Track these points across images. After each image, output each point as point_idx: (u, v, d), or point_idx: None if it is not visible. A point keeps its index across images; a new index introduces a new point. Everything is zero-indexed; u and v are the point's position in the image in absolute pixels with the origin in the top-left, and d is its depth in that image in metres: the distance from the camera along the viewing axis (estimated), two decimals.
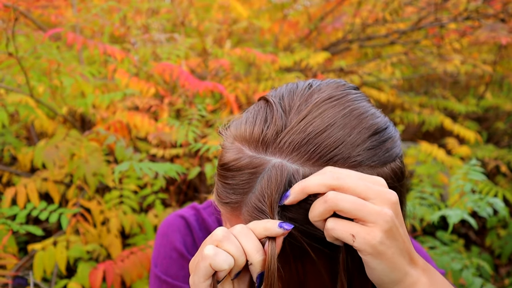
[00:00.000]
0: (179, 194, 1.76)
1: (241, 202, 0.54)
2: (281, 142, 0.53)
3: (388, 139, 0.56)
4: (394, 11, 2.33)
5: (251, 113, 0.58)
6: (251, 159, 0.53)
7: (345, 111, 0.54)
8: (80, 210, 1.32)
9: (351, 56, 2.86)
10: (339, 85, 0.58)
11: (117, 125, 1.44)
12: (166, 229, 0.82)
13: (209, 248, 0.48)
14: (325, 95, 0.55)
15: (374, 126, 0.55)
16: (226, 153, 0.56)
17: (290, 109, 0.55)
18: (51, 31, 1.32)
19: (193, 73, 1.96)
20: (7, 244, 1.20)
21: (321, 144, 0.52)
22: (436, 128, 2.83)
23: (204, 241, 0.51)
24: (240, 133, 0.56)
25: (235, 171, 0.54)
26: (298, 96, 0.56)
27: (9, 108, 1.34)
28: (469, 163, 1.28)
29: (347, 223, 0.48)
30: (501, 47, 2.61)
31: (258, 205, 0.53)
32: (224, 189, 0.56)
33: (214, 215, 0.83)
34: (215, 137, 1.41)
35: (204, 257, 0.48)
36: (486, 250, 2.30)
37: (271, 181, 0.51)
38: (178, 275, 0.78)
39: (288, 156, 0.52)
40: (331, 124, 0.53)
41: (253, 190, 0.53)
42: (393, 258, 0.48)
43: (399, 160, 0.57)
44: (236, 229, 0.50)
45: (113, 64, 1.60)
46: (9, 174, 1.65)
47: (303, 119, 0.53)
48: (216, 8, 2.60)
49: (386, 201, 0.48)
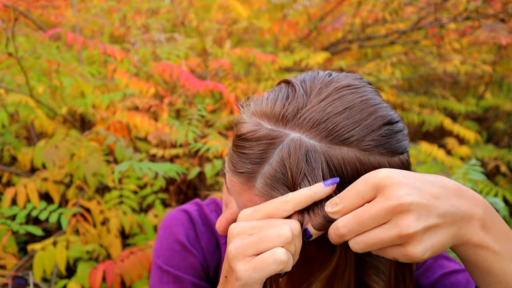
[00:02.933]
0: (179, 194, 1.76)
1: (256, 172, 0.55)
2: (301, 118, 0.54)
3: (399, 132, 0.58)
4: (394, 11, 2.33)
5: (272, 92, 0.60)
6: (269, 131, 0.55)
7: (362, 98, 0.56)
8: (80, 210, 1.32)
9: (351, 56, 2.86)
10: (357, 78, 0.61)
11: (117, 125, 1.44)
12: (169, 222, 0.83)
13: (283, 253, 0.48)
14: (345, 83, 0.58)
15: (388, 116, 0.57)
16: (244, 125, 0.58)
17: (311, 91, 0.57)
18: (51, 31, 1.32)
19: (193, 73, 1.96)
20: (7, 244, 1.21)
21: (339, 123, 0.54)
22: (436, 128, 2.83)
23: (260, 237, 0.50)
24: (260, 109, 0.58)
25: (253, 141, 0.56)
26: (319, 80, 0.59)
27: (9, 108, 1.34)
28: (469, 163, 1.28)
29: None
30: (501, 47, 2.61)
31: (275, 176, 0.54)
32: (240, 159, 0.57)
33: (216, 212, 0.85)
34: (215, 137, 1.41)
35: (279, 262, 0.48)
36: None
37: (291, 154, 0.53)
38: (180, 266, 0.79)
39: (307, 132, 0.54)
40: (350, 107, 0.55)
41: (269, 161, 0.54)
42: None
43: (406, 154, 0.60)
44: (294, 228, 0.51)
45: (113, 64, 1.60)
46: (9, 174, 1.65)
47: (324, 99, 0.56)
48: (216, 8, 2.61)
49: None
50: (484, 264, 0.49)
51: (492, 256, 0.48)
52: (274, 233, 0.49)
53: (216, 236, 0.83)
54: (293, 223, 0.51)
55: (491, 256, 0.48)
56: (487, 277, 0.50)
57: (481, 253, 0.48)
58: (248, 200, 0.57)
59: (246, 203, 0.58)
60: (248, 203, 0.58)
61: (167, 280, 0.78)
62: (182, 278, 0.78)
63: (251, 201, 0.57)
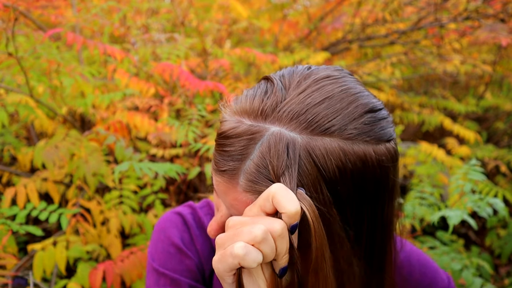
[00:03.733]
0: (179, 194, 1.76)
1: (238, 169, 0.55)
2: (280, 111, 0.54)
3: (383, 119, 0.57)
4: (394, 11, 2.33)
5: (252, 89, 0.60)
6: (249, 127, 0.55)
7: (342, 88, 0.56)
8: (80, 210, 1.32)
9: (351, 56, 2.86)
10: (336, 69, 0.61)
11: (117, 125, 1.44)
12: (163, 225, 0.82)
13: (240, 247, 0.47)
14: (324, 74, 0.58)
15: (370, 104, 0.57)
16: (225, 123, 0.58)
17: (289, 85, 0.57)
18: (51, 31, 1.32)
19: (193, 73, 1.96)
20: (7, 244, 1.20)
21: (319, 114, 0.53)
22: (436, 128, 2.83)
23: (236, 232, 0.49)
24: (240, 106, 0.58)
25: (233, 138, 0.55)
26: (298, 74, 0.59)
27: (9, 108, 1.34)
28: (469, 163, 1.28)
29: None
30: (501, 47, 2.61)
31: (257, 171, 0.53)
32: (222, 157, 0.57)
33: (209, 215, 0.84)
34: (215, 137, 1.41)
35: (234, 255, 0.47)
36: (486, 250, 2.31)
37: (271, 148, 0.52)
38: (176, 268, 0.79)
39: (287, 125, 0.53)
40: (329, 97, 0.55)
41: (251, 157, 0.54)
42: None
43: (393, 142, 0.59)
44: (276, 228, 0.49)
45: (113, 64, 1.60)
46: (9, 174, 1.65)
47: (303, 92, 0.55)
48: (216, 8, 2.60)
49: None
50: None
51: None
52: (246, 230, 0.49)
53: (210, 240, 0.82)
54: (275, 223, 0.49)
55: None
56: None
57: None
58: (234, 198, 0.57)
59: (232, 202, 0.57)
60: (234, 202, 0.57)
61: (164, 283, 0.77)
62: (179, 280, 0.77)
63: (236, 199, 0.56)
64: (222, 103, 0.62)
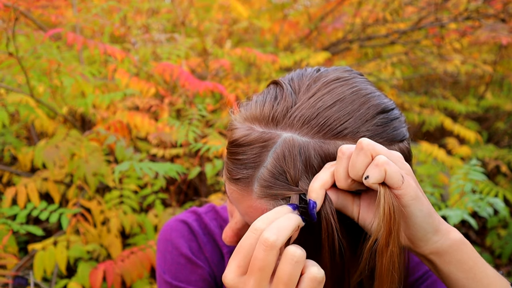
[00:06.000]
0: (179, 194, 1.76)
1: (252, 176, 0.54)
2: (291, 117, 0.54)
3: (395, 119, 0.57)
4: (394, 11, 2.33)
5: (261, 95, 0.59)
6: (261, 134, 0.54)
7: (353, 89, 0.55)
8: (80, 210, 1.32)
9: (351, 56, 2.86)
10: (346, 70, 0.60)
11: (117, 125, 1.44)
12: (169, 235, 0.80)
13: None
14: (333, 76, 0.57)
15: (382, 105, 0.56)
16: (236, 131, 0.57)
17: (299, 89, 0.56)
18: (51, 31, 1.32)
19: (193, 73, 1.96)
20: (8, 244, 1.20)
21: (330, 117, 0.53)
22: (436, 128, 2.83)
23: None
24: (250, 113, 0.57)
25: (246, 146, 0.55)
26: (307, 77, 0.58)
27: (9, 108, 1.34)
28: (469, 163, 1.28)
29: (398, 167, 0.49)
30: (501, 47, 2.61)
31: (272, 177, 0.53)
32: (235, 166, 0.56)
33: (216, 220, 0.81)
34: (215, 137, 1.41)
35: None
36: (486, 250, 2.30)
37: (285, 155, 0.52)
38: (190, 279, 0.77)
39: (299, 130, 0.53)
40: (340, 100, 0.54)
41: (264, 164, 0.53)
42: (429, 205, 0.50)
43: (406, 142, 0.58)
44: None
45: (113, 64, 1.60)
46: (10, 174, 1.65)
47: (313, 96, 0.55)
48: (216, 8, 2.60)
49: (409, 172, 0.50)
50: None
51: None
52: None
53: (218, 246, 0.80)
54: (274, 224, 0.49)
55: None
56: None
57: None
58: (248, 206, 0.56)
59: (246, 210, 0.57)
60: (249, 209, 0.56)
61: None
62: None
63: (251, 206, 0.56)
64: (231, 110, 0.61)
